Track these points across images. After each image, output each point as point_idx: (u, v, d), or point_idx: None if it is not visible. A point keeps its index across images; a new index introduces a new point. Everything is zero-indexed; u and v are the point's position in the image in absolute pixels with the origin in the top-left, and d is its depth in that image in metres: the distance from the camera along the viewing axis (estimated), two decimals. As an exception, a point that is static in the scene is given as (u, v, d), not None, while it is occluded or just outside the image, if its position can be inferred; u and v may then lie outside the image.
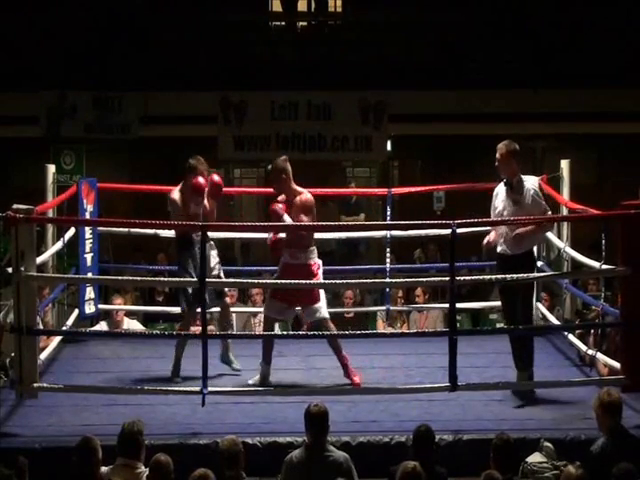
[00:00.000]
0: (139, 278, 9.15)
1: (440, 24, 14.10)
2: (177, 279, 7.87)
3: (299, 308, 7.80)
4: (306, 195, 7.55)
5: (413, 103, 13.78)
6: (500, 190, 7.43)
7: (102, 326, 9.43)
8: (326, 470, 5.55)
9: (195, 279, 7.27)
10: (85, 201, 8.87)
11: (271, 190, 8.11)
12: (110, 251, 11.68)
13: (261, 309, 10.01)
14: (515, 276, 9.16)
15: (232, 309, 9.79)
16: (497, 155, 7.29)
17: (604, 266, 7.49)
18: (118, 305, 9.56)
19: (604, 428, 5.70)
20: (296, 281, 7.48)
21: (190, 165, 7.70)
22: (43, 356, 7.64)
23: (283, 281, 7.72)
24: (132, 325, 9.64)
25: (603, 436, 5.66)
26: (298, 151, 13.65)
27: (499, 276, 7.62)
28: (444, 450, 6.13)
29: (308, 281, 7.41)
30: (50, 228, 9.09)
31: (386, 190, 10.06)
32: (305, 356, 8.39)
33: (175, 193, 7.74)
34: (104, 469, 5.47)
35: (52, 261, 8.87)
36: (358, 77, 13.72)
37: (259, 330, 9.69)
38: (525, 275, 7.28)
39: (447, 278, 7.05)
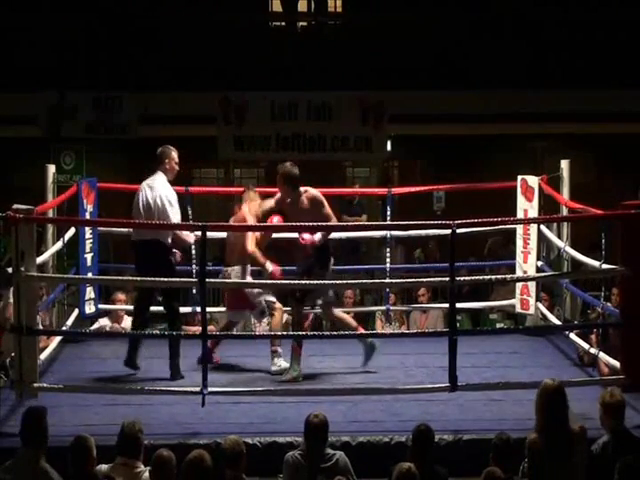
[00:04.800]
0: (139, 278, 9.14)
1: (440, 24, 14.09)
2: (177, 279, 7.87)
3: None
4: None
5: (413, 103, 13.76)
6: None
7: (103, 321, 9.40)
8: (326, 472, 5.57)
9: (195, 279, 7.28)
10: (85, 201, 8.87)
11: (271, 190, 8.20)
12: (110, 251, 11.68)
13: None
14: (515, 276, 9.22)
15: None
16: None
17: (604, 266, 7.50)
18: (120, 301, 9.50)
19: (606, 428, 5.70)
20: (302, 282, 7.54)
21: None
22: (43, 356, 7.64)
23: (288, 282, 7.75)
24: (127, 322, 9.59)
25: (604, 435, 5.66)
26: (298, 151, 13.64)
27: (499, 276, 7.65)
28: (444, 450, 6.14)
29: (312, 281, 7.45)
30: (50, 228, 9.09)
31: (386, 190, 10.08)
32: (305, 356, 8.38)
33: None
34: (104, 467, 5.47)
35: (52, 261, 8.88)
36: (358, 77, 13.71)
37: (259, 330, 9.69)
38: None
39: (447, 278, 7.06)
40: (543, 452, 5.11)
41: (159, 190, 7.86)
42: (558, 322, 9.01)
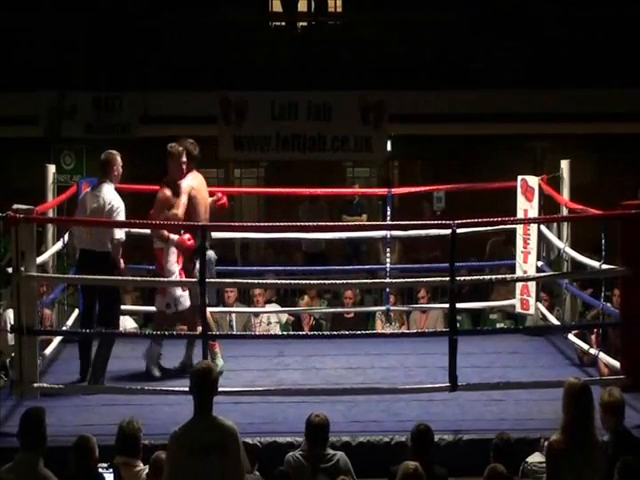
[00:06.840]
0: (139, 278, 9.14)
1: (440, 24, 14.10)
2: (177, 279, 7.87)
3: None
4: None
5: (413, 103, 13.77)
6: None
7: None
8: (327, 472, 5.57)
9: (195, 279, 7.28)
10: (85, 201, 8.85)
11: (271, 190, 8.19)
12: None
13: (262, 309, 10.04)
14: (515, 276, 9.22)
15: (232, 309, 9.82)
16: None
17: (604, 266, 7.50)
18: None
19: (606, 428, 5.70)
20: (300, 282, 7.53)
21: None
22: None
23: (288, 282, 7.75)
24: (125, 322, 9.58)
25: (605, 435, 5.66)
26: (298, 151, 13.63)
27: (499, 276, 7.60)
28: (444, 450, 6.14)
29: (301, 281, 7.44)
30: (50, 228, 9.09)
31: (386, 190, 10.08)
32: (305, 356, 8.39)
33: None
34: (103, 466, 5.47)
35: (52, 261, 8.87)
36: (358, 77, 13.71)
37: (260, 330, 9.69)
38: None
39: (447, 278, 7.06)
40: (564, 452, 5.08)
41: (105, 197, 7.74)
42: (558, 322, 9.01)
